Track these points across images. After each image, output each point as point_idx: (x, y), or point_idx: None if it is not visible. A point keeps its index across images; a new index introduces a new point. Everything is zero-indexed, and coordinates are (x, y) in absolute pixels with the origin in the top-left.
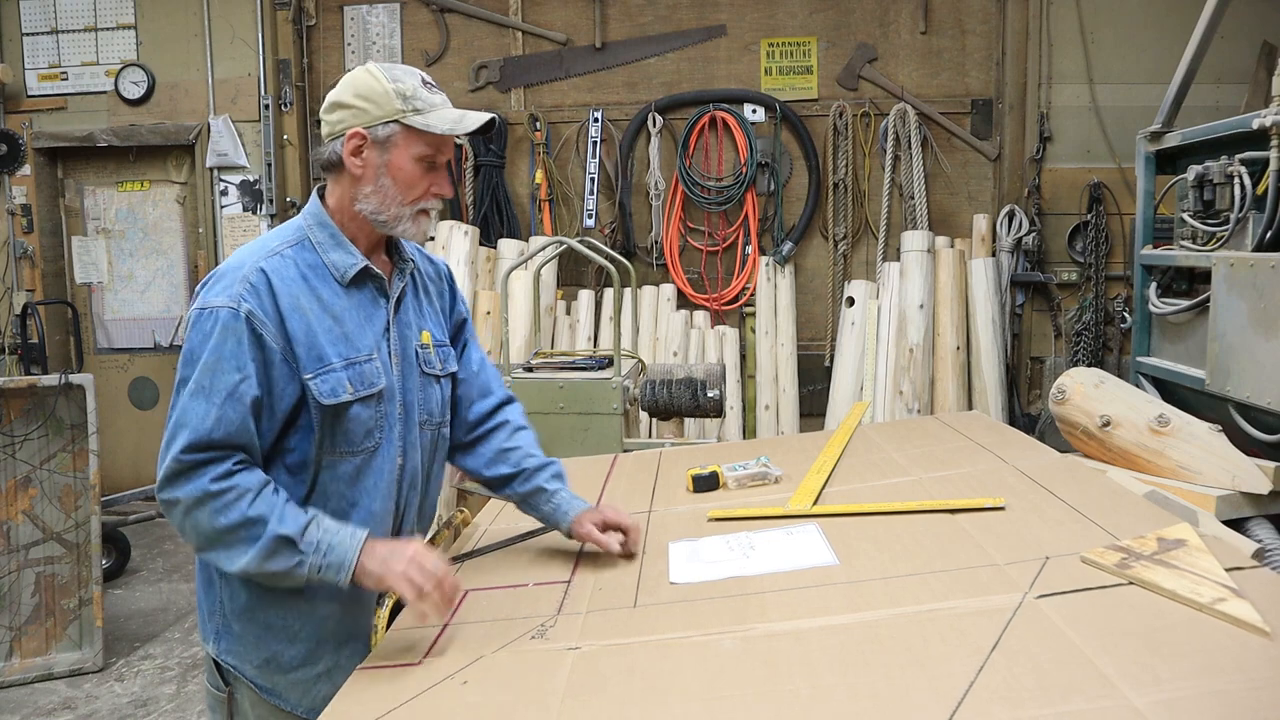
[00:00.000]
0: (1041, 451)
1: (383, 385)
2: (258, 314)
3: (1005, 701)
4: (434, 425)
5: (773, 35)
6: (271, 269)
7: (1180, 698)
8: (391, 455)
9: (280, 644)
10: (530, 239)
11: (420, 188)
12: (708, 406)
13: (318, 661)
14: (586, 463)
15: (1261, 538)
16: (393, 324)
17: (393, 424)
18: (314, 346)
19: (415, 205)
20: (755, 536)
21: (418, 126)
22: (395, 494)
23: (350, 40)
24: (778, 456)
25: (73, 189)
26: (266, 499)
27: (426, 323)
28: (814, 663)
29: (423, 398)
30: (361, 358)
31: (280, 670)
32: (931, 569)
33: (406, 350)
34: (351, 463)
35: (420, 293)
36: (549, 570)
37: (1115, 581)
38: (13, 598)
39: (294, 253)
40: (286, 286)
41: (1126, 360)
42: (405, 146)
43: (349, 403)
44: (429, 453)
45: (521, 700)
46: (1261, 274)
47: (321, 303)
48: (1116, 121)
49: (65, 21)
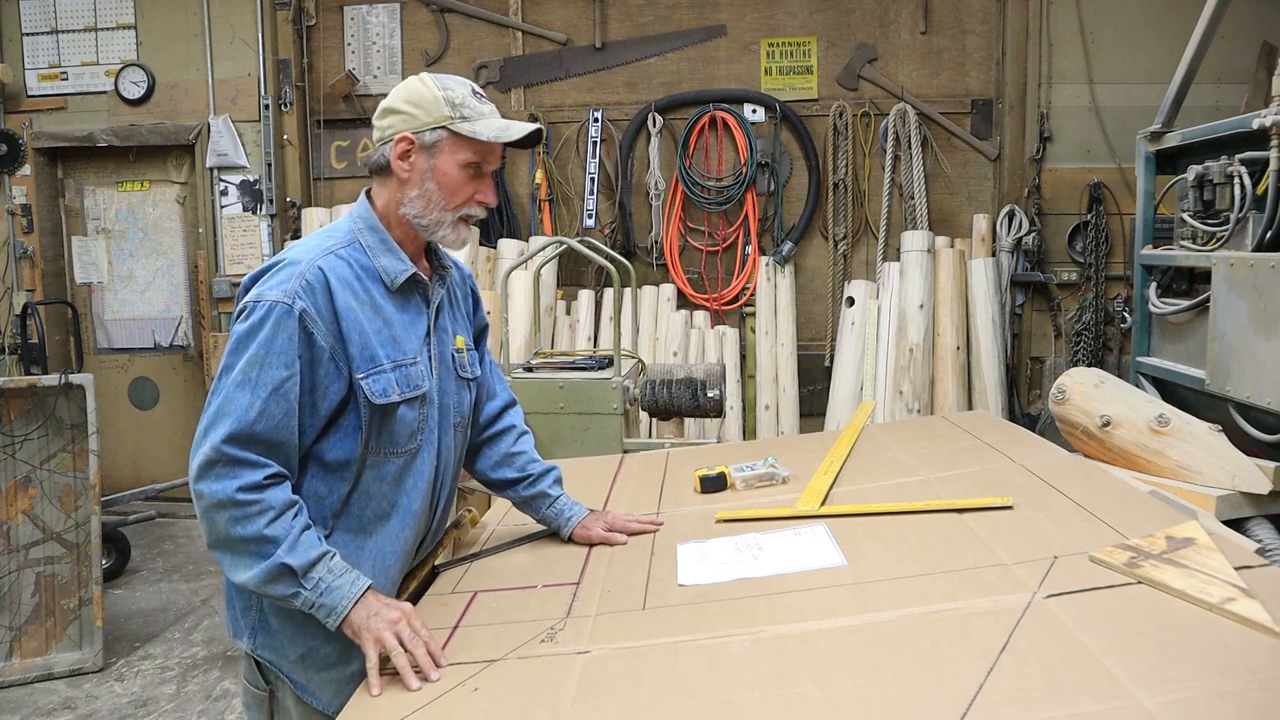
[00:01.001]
0: (1049, 450)
1: (426, 388)
2: (311, 312)
3: (1015, 703)
4: (464, 427)
5: (773, 35)
6: (329, 268)
7: (1190, 698)
8: (430, 456)
9: (317, 639)
10: (530, 239)
11: (465, 194)
12: (708, 406)
13: (352, 660)
14: (593, 463)
15: (1261, 538)
16: (434, 329)
17: (432, 426)
18: (367, 347)
19: (458, 211)
20: (763, 538)
21: (464, 133)
22: (432, 494)
23: (350, 40)
24: (785, 457)
25: (73, 189)
26: (285, 522)
27: (460, 327)
28: (823, 665)
29: (457, 401)
30: (408, 360)
31: (316, 667)
32: (940, 569)
33: (445, 354)
34: (395, 463)
35: (452, 298)
36: (557, 571)
37: (1124, 581)
38: (13, 598)
39: (349, 253)
40: (343, 286)
41: (1126, 360)
42: (451, 152)
43: (397, 403)
44: (458, 454)
45: (532, 705)
46: (1261, 274)
47: (374, 304)
48: (1116, 121)
49: (65, 21)
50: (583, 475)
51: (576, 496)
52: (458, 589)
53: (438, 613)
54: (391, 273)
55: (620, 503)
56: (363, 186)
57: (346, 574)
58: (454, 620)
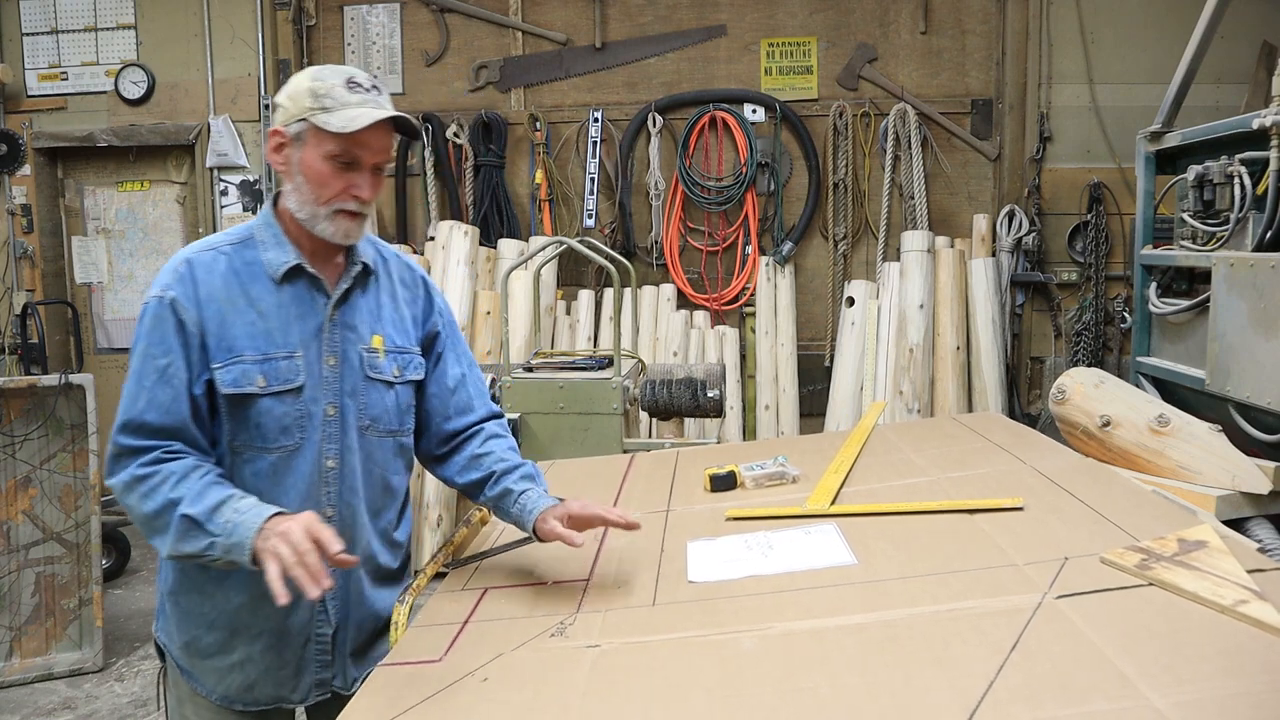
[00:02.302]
0: (1060, 452)
1: (300, 383)
2: (180, 300)
3: (1025, 701)
4: (383, 432)
5: (773, 35)
6: (197, 261)
7: (1202, 699)
8: (314, 457)
9: (199, 629)
10: (530, 239)
11: (334, 187)
12: (708, 406)
13: (232, 651)
14: (603, 462)
15: (1261, 538)
16: (329, 324)
17: (314, 424)
18: (225, 338)
19: (330, 205)
20: (773, 536)
21: (318, 124)
22: (321, 497)
23: (350, 40)
24: (795, 456)
25: (73, 189)
26: (189, 483)
27: (384, 327)
28: (833, 662)
29: (364, 402)
30: (281, 354)
31: (198, 655)
32: (950, 569)
33: (347, 352)
34: (267, 459)
35: (383, 296)
36: (568, 568)
37: (1135, 582)
38: (13, 598)
39: (233, 250)
40: (208, 278)
41: (1126, 360)
42: (314, 145)
43: (257, 395)
44: (380, 459)
45: (542, 697)
46: (1261, 274)
47: (248, 298)
48: (1116, 121)
49: (65, 21)
50: (592, 474)
51: (586, 495)
52: (468, 586)
53: (448, 609)
54: (274, 265)
55: (630, 501)
56: None
57: (254, 509)
58: (464, 616)
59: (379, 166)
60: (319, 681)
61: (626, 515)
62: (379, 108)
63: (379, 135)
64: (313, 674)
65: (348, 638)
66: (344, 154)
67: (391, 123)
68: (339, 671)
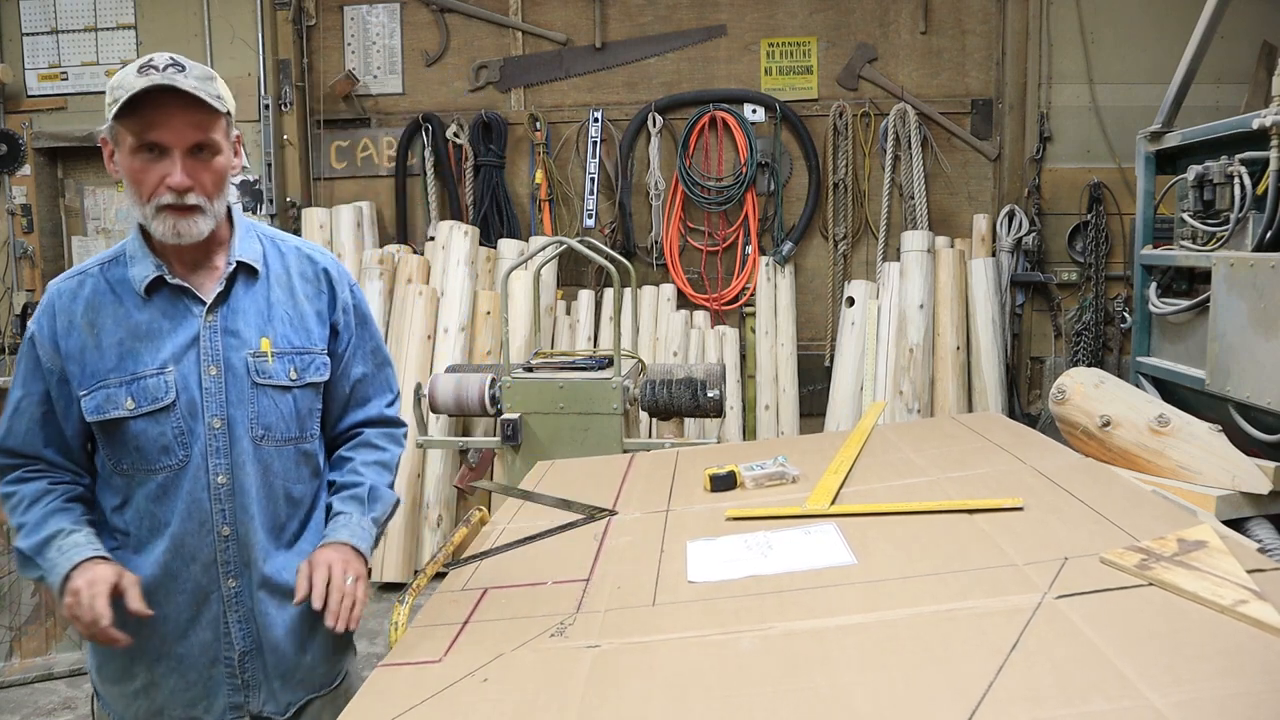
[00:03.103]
0: (1060, 452)
1: (171, 399)
2: (39, 336)
3: (1025, 701)
4: (280, 440)
5: (773, 35)
6: (58, 291)
7: (1202, 699)
8: (199, 473)
9: (103, 654)
10: (530, 239)
11: (150, 182)
12: (708, 406)
13: (134, 677)
14: (603, 462)
15: (1261, 538)
16: (205, 333)
17: (197, 439)
18: (87, 364)
19: (153, 202)
20: (773, 536)
21: (113, 118)
22: (214, 516)
23: (350, 40)
24: (794, 456)
25: (73, 189)
26: (35, 509)
27: (274, 328)
28: (833, 661)
29: (255, 411)
30: (149, 372)
31: (108, 680)
32: (950, 569)
33: (230, 359)
34: (154, 480)
35: (275, 294)
36: (567, 568)
37: (1135, 582)
38: (13, 598)
39: (100, 270)
40: (67, 306)
41: (1126, 360)
42: (123, 140)
43: (125, 419)
44: (279, 469)
45: (542, 697)
46: (1261, 274)
47: (116, 318)
48: (1116, 121)
49: (65, 21)
50: (592, 474)
51: (586, 495)
52: (468, 586)
53: (448, 610)
54: (137, 280)
55: (630, 500)
56: (363, 186)
57: (72, 550)
58: (464, 616)
59: (200, 148)
60: (233, 705)
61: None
62: (170, 82)
63: (178, 113)
64: (225, 697)
65: (264, 661)
66: (142, 141)
67: (188, 95)
68: (266, 696)
